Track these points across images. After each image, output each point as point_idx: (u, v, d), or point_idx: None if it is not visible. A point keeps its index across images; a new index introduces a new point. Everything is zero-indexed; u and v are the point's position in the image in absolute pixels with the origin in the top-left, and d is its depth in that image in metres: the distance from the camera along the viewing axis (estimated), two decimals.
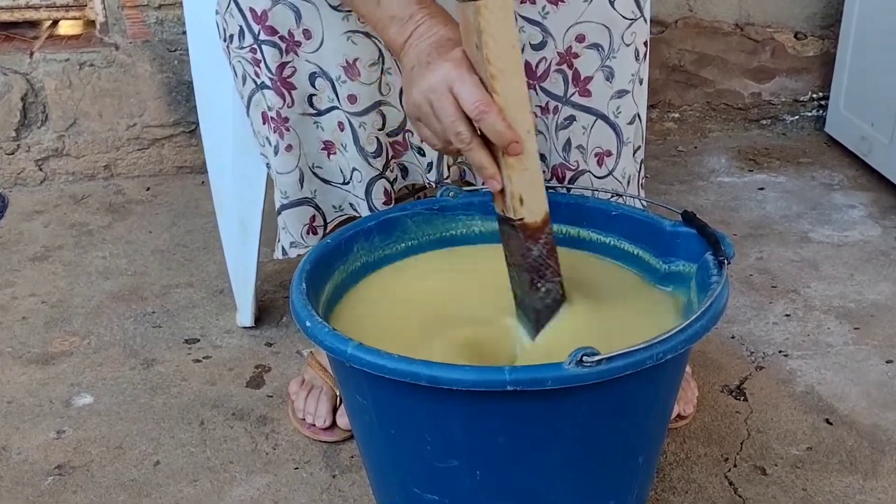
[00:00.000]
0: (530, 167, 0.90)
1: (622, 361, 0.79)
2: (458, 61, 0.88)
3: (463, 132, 0.88)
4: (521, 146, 0.88)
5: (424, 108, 0.90)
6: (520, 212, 0.92)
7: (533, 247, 0.94)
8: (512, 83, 0.87)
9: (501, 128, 0.86)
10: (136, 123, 2.00)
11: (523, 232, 0.93)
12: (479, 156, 0.90)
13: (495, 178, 0.90)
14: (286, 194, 1.15)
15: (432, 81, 0.88)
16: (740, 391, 1.29)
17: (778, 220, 1.78)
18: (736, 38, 2.12)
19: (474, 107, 0.86)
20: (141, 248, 1.75)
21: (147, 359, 1.40)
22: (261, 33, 1.07)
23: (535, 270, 0.95)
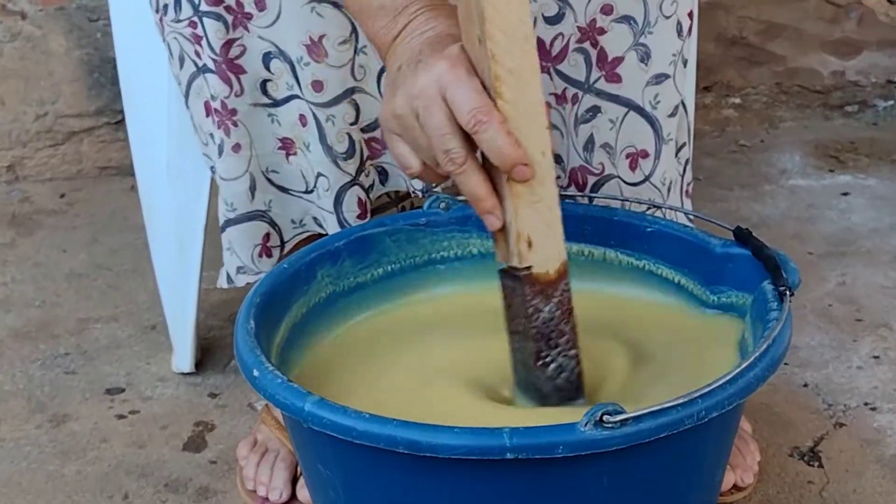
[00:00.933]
0: (544, 199, 0.88)
1: (653, 422, 0.80)
2: (456, 59, 0.86)
3: (454, 149, 0.86)
4: (530, 170, 0.86)
5: (408, 119, 0.88)
6: (527, 258, 0.89)
7: (543, 307, 0.91)
8: (524, 88, 0.85)
9: (504, 143, 0.84)
10: (48, 112, 2.01)
11: (531, 286, 0.90)
12: (473, 181, 0.87)
13: (494, 213, 0.88)
14: (233, 206, 1.17)
15: (422, 84, 0.86)
16: (814, 455, 1.30)
17: (866, 234, 1.79)
18: (813, 2, 2.14)
19: (470, 115, 0.84)
20: (52, 271, 1.76)
21: (57, 414, 1.41)
22: (202, 3, 1.09)
23: (543, 339, 0.92)
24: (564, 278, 0.91)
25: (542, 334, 0.92)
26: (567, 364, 0.93)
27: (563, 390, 0.94)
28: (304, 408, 0.83)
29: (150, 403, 1.43)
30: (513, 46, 0.84)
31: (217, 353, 1.52)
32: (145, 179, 1.42)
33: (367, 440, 0.81)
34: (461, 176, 0.88)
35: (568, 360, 0.93)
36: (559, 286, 0.91)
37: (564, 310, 0.92)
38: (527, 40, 0.85)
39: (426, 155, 0.89)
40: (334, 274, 1.07)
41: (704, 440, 0.89)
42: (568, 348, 0.93)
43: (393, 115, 0.90)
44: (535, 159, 0.87)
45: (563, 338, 0.93)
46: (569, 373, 0.94)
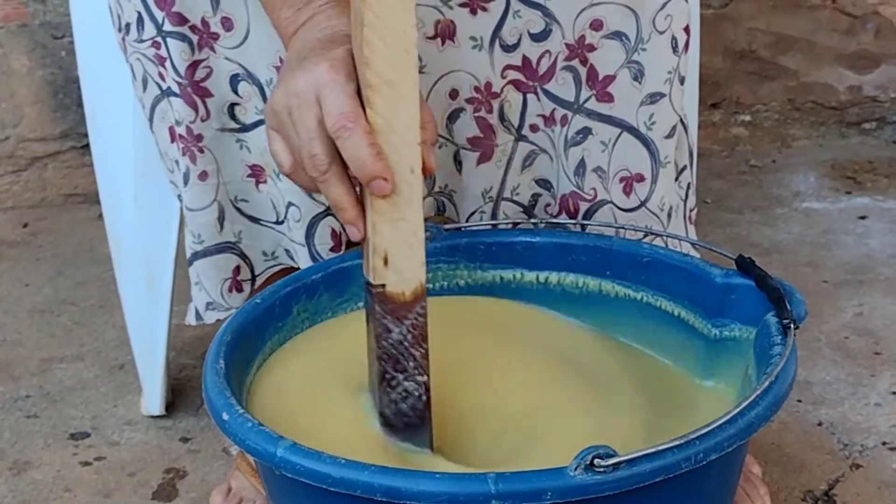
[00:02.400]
0: (408, 218, 0.90)
1: (648, 465, 0.80)
2: (338, 62, 0.89)
3: (319, 155, 0.88)
4: (389, 186, 0.87)
5: (283, 115, 0.91)
6: (381, 275, 0.91)
7: (393, 327, 0.93)
8: (398, 101, 0.87)
9: (365, 154, 0.86)
10: (10, 137, 2.02)
11: (382, 304, 0.92)
12: (337, 191, 0.90)
13: (356, 226, 0.91)
14: (200, 238, 1.18)
15: (300, 83, 0.89)
16: (829, 499, 1.30)
17: (885, 260, 1.80)
18: (827, 13, 2.15)
19: (336, 120, 0.86)
20: (13, 306, 1.77)
21: (18, 461, 1.42)
22: (165, 22, 1.10)
23: (390, 360, 0.94)
24: (420, 301, 0.93)
25: (390, 355, 0.94)
26: (414, 390, 0.95)
27: (407, 416, 0.95)
28: (276, 453, 0.84)
29: (117, 449, 1.43)
30: (392, 56, 0.86)
31: (189, 395, 1.53)
32: (111, 208, 1.43)
33: (342, 487, 0.81)
34: (324, 183, 0.90)
35: (415, 385, 0.95)
36: (413, 309, 0.93)
37: (416, 334, 0.94)
38: (408, 52, 0.86)
39: (298, 155, 0.92)
40: (311, 309, 1.08)
41: (704, 484, 0.89)
42: (416, 374, 0.95)
43: (272, 108, 0.92)
44: (403, 177, 0.89)
45: (411, 362, 0.94)
46: (415, 399, 0.95)
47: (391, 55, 0.86)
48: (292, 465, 0.83)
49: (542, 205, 1.18)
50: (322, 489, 0.82)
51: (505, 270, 1.13)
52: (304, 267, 1.13)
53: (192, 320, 1.22)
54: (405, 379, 0.94)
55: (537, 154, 1.15)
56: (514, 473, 0.80)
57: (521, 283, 1.13)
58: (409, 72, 0.87)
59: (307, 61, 0.90)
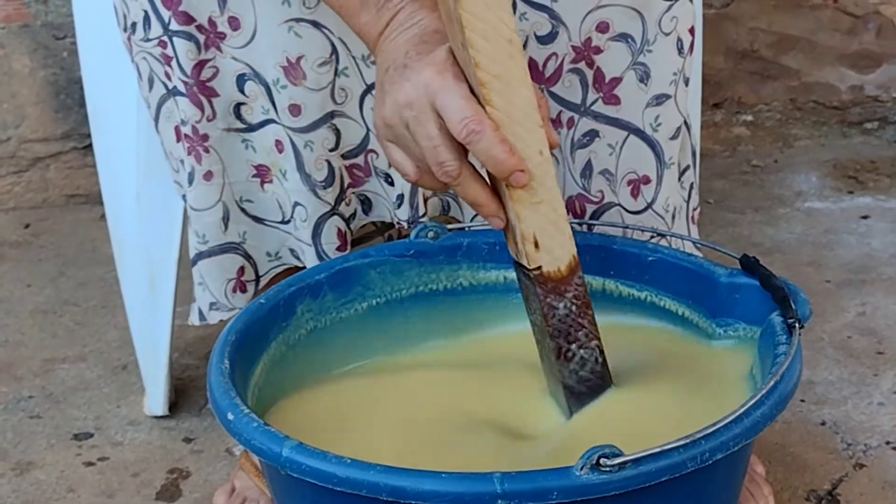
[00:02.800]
0: (546, 199, 0.92)
1: (654, 465, 0.80)
2: (442, 65, 0.89)
3: (448, 161, 0.89)
4: (527, 175, 0.89)
5: (398, 128, 0.91)
6: (535, 258, 0.94)
7: (557, 303, 0.96)
8: (513, 91, 0.88)
9: (499, 152, 0.87)
10: (11, 137, 2.03)
11: (542, 285, 0.95)
12: (472, 189, 0.91)
13: (498, 216, 0.93)
14: (205, 238, 1.18)
15: (409, 94, 0.89)
16: (832, 498, 1.31)
17: (887, 260, 1.80)
18: (828, 13, 2.16)
19: (462, 126, 0.87)
20: (15, 307, 1.77)
21: (21, 462, 1.42)
22: (172, 22, 1.10)
23: (562, 335, 0.97)
24: (576, 272, 0.96)
25: (560, 331, 0.97)
26: (589, 356, 0.98)
27: (589, 381, 0.99)
28: (282, 453, 0.84)
29: (120, 449, 1.43)
30: (496, 51, 0.87)
31: (192, 395, 1.53)
32: (114, 208, 1.43)
33: (348, 487, 0.81)
34: (458, 186, 0.91)
35: (589, 351, 0.98)
36: (572, 281, 0.96)
37: (580, 304, 0.97)
38: (511, 42, 0.87)
39: (422, 162, 0.92)
40: (315, 309, 1.08)
41: (710, 484, 0.89)
42: (587, 341, 0.98)
43: (385, 123, 0.93)
44: (533, 161, 0.90)
45: (581, 331, 0.98)
46: (592, 363, 0.99)
47: (495, 50, 0.87)
48: (298, 465, 0.83)
49: None
50: (327, 489, 0.82)
51: (508, 270, 1.13)
52: (311, 266, 1.13)
53: (195, 321, 1.22)
54: (579, 348, 0.98)
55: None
56: (519, 473, 0.80)
57: None
58: (515, 61, 0.88)
59: (409, 70, 0.90)
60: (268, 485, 1.00)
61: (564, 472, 0.80)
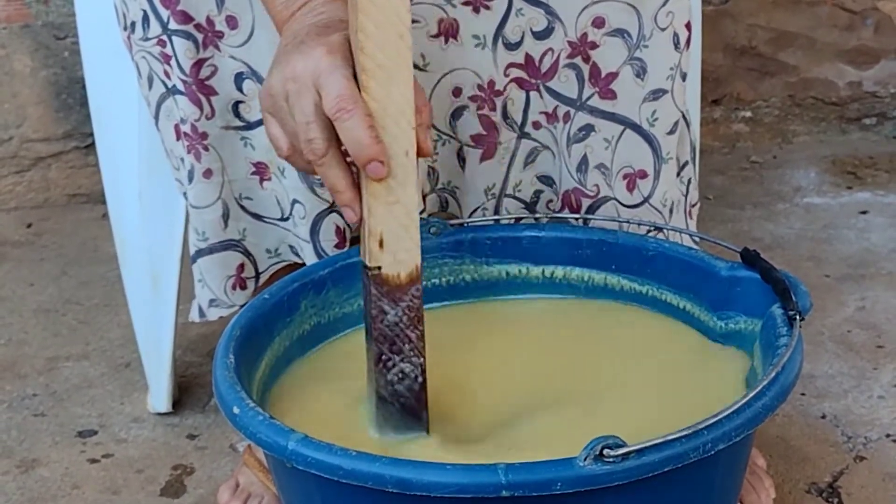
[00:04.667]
0: (402, 201, 0.91)
1: (657, 455, 0.81)
2: (335, 47, 0.90)
3: (317, 139, 0.90)
4: (385, 169, 0.89)
5: (279, 99, 0.92)
6: (377, 257, 0.93)
7: (389, 309, 0.94)
8: (393, 85, 0.89)
9: (364, 136, 0.88)
10: (13, 137, 2.03)
11: (378, 286, 0.93)
12: (334, 174, 0.91)
13: (352, 208, 0.92)
14: (205, 235, 1.18)
15: (296, 67, 0.90)
16: (833, 491, 1.31)
17: (886, 255, 1.81)
18: (826, 9, 2.16)
19: (334, 103, 0.88)
20: (19, 306, 1.77)
21: (26, 459, 1.42)
22: (170, 21, 1.11)
23: (387, 342, 0.95)
24: (416, 283, 0.95)
25: (386, 337, 0.95)
26: (410, 371, 0.96)
27: (403, 398, 0.96)
28: (288, 446, 0.84)
29: (124, 446, 1.44)
30: (384, 41, 0.88)
31: (196, 392, 1.53)
32: (117, 207, 1.43)
33: (354, 479, 0.82)
34: (321, 167, 0.91)
35: (411, 367, 0.96)
36: (409, 291, 0.95)
37: (412, 316, 0.95)
38: (401, 37, 0.88)
39: (294, 139, 0.93)
40: (319, 304, 1.08)
41: (712, 474, 0.90)
42: (412, 356, 0.96)
43: (268, 93, 0.93)
44: (398, 159, 0.90)
45: (407, 344, 0.96)
46: (411, 381, 0.96)
47: (384, 39, 0.88)
48: (304, 458, 0.84)
49: (544, 201, 1.19)
50: (333, 481, 0.83)
51: (510, 265, 1.14)
52: (310, 263, 1.14)
53: (195, 317, 1.22)
54: (401, 360, 0.96)
55: (540, 151, 1.16)
56: (523, 464, 0.81)
57: (526, 278, 1.14)
58: (402, 56, 0.88)
59: (304, 45, 0.92)
60: (273, 478, 1.00)
61: (568, 463, 0.80)
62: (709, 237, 1.11)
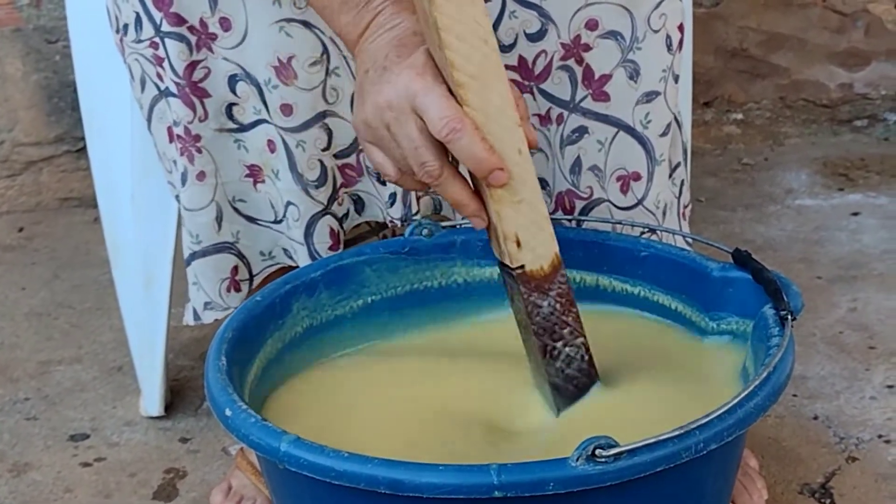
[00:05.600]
0: (527, 198, 0.93)
1: (649, 455, 0.81)
2: (422, 67, 0.90)
3: (430, 162, 0.91)
4: (506, 174, 0.90)
5: (379, 130, 0.92)
6: (517, 257, 0.95)
7: (541, 302, 0.97)
8: (489, 91, 0.89)
9: (479, 151, 0.89)
10: (4, 141, 2.03)
11: (526, 283, 0.96)
12: (454, 190, 0.92)
13: (479, 216, 0.94)
14: (198, 238, 1.18)
15: (389, 96, 0.91)
16: (826, 491, 1.31)
17: (878, 256, 1.81)
18: (817, 11, 2.16)
19: (443, 125, 0.88)
20: (11, 310, 1.77)
21: (18, 463, 1.42)
22: (163, 23, 1.10)
23: (547, 333, 0.98)
24: (559, 270, 0.97)
25: (545, 329, 0.98)
26: (575, 353, 0.99)
27: (575, 379, 0.99)
28: (280, 448, 0.84)
29: (116, 450, 1.44)
30: (471, 51, 0.88)
31: (188, 395, 1.53)
32: (109, 210, 1.43)
33: (346, 481, 0.82)
34: (440, 187, 0.92)
35: (575, 349, 0.99)
36: (555, 279, 0.97)
37: (564, 301, 0.98)
38: (486, 42, 0.89)
39: (403, 163, 0.93)
40: (311, 306, 1.08)
41: (704, 475, 0.90)
42: (573, 338, 0.99)
43: (365, 124, 0.94)
44: (512, 160, 0.91)
45: (566, 329, 0.98)
46: (579, 361, 0.99)
47: (471, 50, 0.88)
48: (296, 460, 0.84)
49: None
50: (326, 483, 0.83)
51: None
52: (303, 265, 1.14)
53: (189, 320, 1.22)
54: (564, 346, 0.98)
55: (533, 153, 1.16)
56: (516, 464, 0.81)
57: None
58: (490, 60, 0.89)
59: (388, 73, 0.91)
60: (265, 480, 1.00)
61: (560, 463, 0.80)
62: (701, 238, 1.11)
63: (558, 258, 0.96)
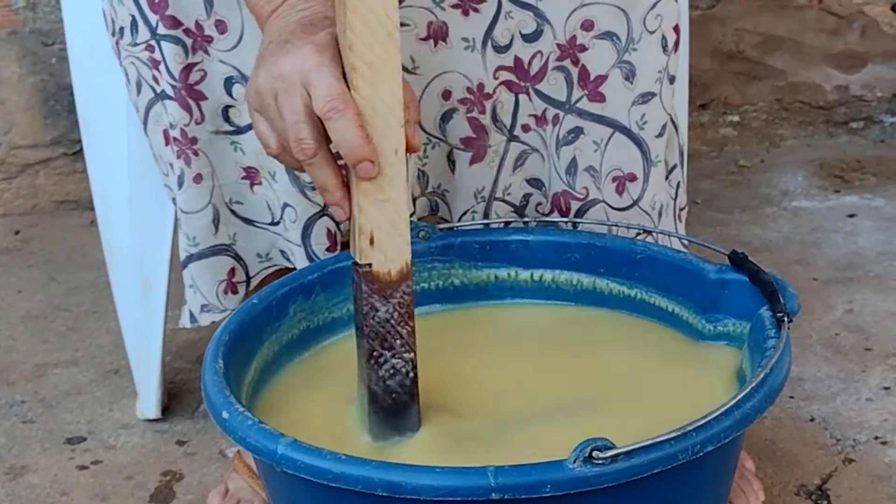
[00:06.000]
0: (393, 199, 0.92)
1: (645, 457, 0.81)
2: (323, 46, 0.90)
3: (307, 139, 0.90)
4: (375, 169, 0.90)
5: (267, 98, 0.92)
6: (367, 255, 0.93)
7: (380, 306, 0.95)
8: (381, 83, 0.89)
9: (354, 136, 0.88)
10: (1, 144, 2.03)
11: (369, 283, 0.94)
12: (324, 173, 0.92)
13: (342, 206, 0.93)
14: (195, 240, 1.18)
15: (284, 67, 0.91)
16: (822, 493, 1.31)
17: (874, 257, 1.81)
18: (813, 13, 2.17)
19: (325, 101, 0.88)
20: (7, 313, 1.77)
21: (14, 466, 1.42)
22: (159, 25, 1.11)
23: (378, 338, 0.96)
24: (406, 280, 0.95)
25: (377, 333, 0.96)
26: (401, 367, 0.97)
27: (395, 393, 0.97)
28: (277, 450, 0.84)
29: (113, 453, 1.44)
30: (373, 39, 0.88)
31: (185, 398, 1.53)
32: (105, 213, 1.43)
33: (343, 483, 0.82)
34: (311, 166, 0.92)
35: (403, 363, 0.97)
36: (399, 287, 0.95)
37: (403, 312, 0.96)
38: (390, 36, 0.89)
39: (284, 137, 0.93)
40: (308, 309, 1.08)
41: (701, 476, 0.90)
42: (403, 351, 0.97)
43: (255, 91, 0.93)
44: (387, 158, 0.91)
45: (398, 340, 0.96)
46: (402, 376, 0.97)
47: (373, 38, 0.88)
48: (293, 462, 0.84)
49: (533, 204, 1.19)
50: (323, 485, 0.83)
51: (499, 269, 1.14)
52: (301, 267, 1.14)
53: (186, 323, 1.22)
54: (393, 356, 0.96)
55: (529, 154, 1.16)
56: (513, 466, 0.81)
57: (515, 282, 1.15)
58: (390, 55, 0.89)
59: (290, 45, 0.92)
60: (263, 483, 1.00)
61: (557, 465, 0.80)
62: (697, 240, 1.12)
63: (408, 268, 0.95)
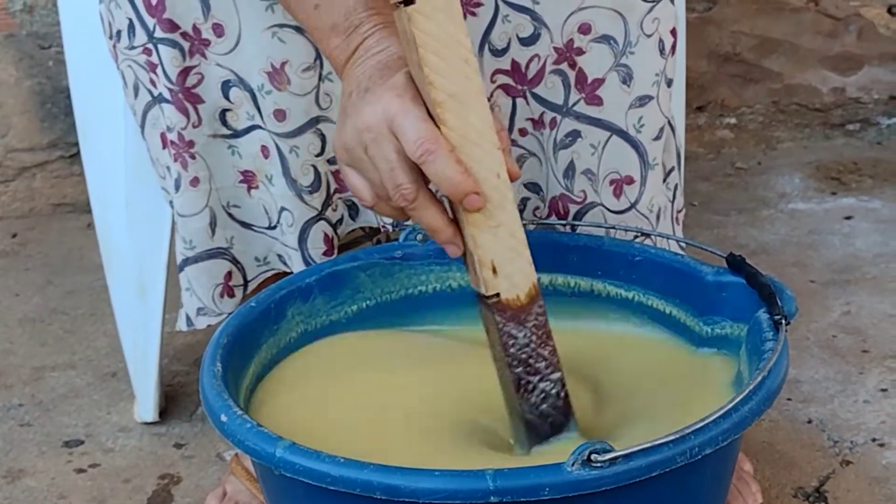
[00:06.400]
0: (504, 223, 0.90)
1: (644, 460, 0.81)
2: (401, 88, 0.89)
3: (405, 184, 0.89)
4: (481, 199, 0.88)
5: (357, 151, 0.91)
6: (493, 285, 0.91)
7: (517, 332, 0.93)
8: (468, 112, 0.87)
9: (453, 173, 0.87)
10: None
11: (501, 313, 0.92)
12: (428, 215, 0.90)
13: (454, 243, 0.91)
14: (192, 244, 1.18)
15: (368, 117, 0.89)
16: (820, 495, 1.31)
17: (871, 259, 1.82)
18: (810, 16, 2.17)
19: (417, 146, 0.87)
20: (4, 316, 1.77)
21: (12, 469, 1.42)
22: (156, 29, 1.11)
23: (522, 365, 0.94)
24: (537, 301, 0.93)
25: (520, 360, 0.94)
26: (550, 389, 0.95)
27: (550, 416, 0.96)
28: (276, 453, 0.84)
29: (111, 456, 1.44)
30: (451, 70, 0.87)
31: (182, 401, 1.53)
32: (103, 216, 1.43)
33: (342, 486, 0.82)
34: (414, 210, 0.91)
35: (551, 384, 0.95)
36: (532, 310, 0.93)
37: (541, 333, 0.94)
38: (466, 62, 0.87)
39: (379, 188, 0.92)
40: (305, 312, 1.08)
41: (699, 479, 0.90)
42: (549, 373, 0.95)
43: (344, 146, 0.93)
44: (490, 183, 0.89)
45: (542, 362, 0.95)
46: (554, 398, 0.96)
47: (450, 69, 0.86)
48: (291, 465, 0.84)
49: (530, 208, 1.19)
50: (321, 488, 0.83)
51: None
52: (297, 271, 1.14)
53: (182, 326, 1.22)
54: (540, 380, 0.95)
55: (526, 158, 1.17)
56: (511, 469, 0.81)
57: None
58: (471, 81, 0.87)
59: (369, 94, 0.90)
60: (261, 486, 1.00)
61: (556, 469, 0.80)
62: (695, 242, 1.12)
63: (536, 288, 0.93)
